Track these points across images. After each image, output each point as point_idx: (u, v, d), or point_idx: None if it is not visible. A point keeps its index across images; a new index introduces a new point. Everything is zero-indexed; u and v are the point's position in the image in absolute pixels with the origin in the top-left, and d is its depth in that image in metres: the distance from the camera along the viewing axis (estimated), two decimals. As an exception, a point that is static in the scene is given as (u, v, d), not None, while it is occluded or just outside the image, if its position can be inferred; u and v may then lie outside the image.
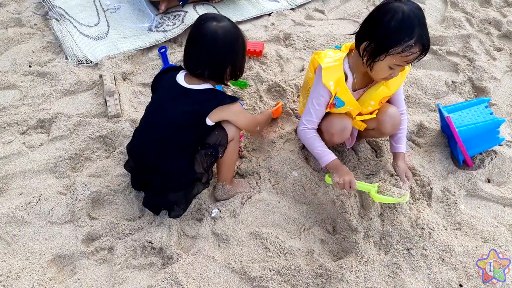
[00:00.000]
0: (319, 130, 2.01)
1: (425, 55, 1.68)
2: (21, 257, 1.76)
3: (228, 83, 1.95)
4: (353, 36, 1.79)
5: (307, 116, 1.93)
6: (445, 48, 2.91)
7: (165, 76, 1.84)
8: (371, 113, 1.96)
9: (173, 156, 1.76)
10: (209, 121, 1.77)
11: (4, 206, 1.89)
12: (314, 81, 1.91)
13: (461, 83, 2.69)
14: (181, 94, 1.75)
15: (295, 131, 2.25)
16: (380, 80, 1.82)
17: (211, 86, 1.79)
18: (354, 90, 1.90)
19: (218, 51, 1.71)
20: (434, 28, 3.10)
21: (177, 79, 1.78)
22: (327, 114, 1.97)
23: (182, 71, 1.82)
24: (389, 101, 2.02)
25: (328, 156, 1.88)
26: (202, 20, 1.72)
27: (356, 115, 1.97)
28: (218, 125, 1.82)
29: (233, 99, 1.82)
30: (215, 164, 1.96)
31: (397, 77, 1.81)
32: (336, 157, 1.89)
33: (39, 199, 1.91)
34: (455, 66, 2.80)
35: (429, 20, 3.18)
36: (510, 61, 2.93)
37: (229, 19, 1.77)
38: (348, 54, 1.87)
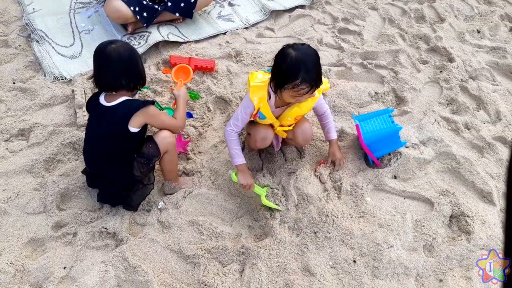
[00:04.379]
0: (248, 134, 2.47)
1: (315, 90, 2.13)
2: (3, 240, 2.21)
3: (140, 88, 2.23)
4: None
5: (235, 120, 2.35)
6: (375, 62, 3.35)
7: (93, 99, 2.20)
8: (289, 126, 2.43)
9: (112, 165, 2.18)
10: (132, 128, 2.10)
11: (-11, 200, 2.35)
12: (245, 95, 2.36)
13: (384, 94, 3.14)
14: (103, 112, 2.12)
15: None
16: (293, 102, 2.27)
17: (126, 98, 2.12)
18: (277, 107, 2.35)
19: (114, 65, 2.07)
20: (369, 44, 3.55)
21: (100, 100, 2.14)
22: (255, 124, 2.43)
23: (103, 92, 2.16)
24: (314, 108, 2.46)
25: (239, 159, 2.34)
26: (99, 46, 2.13)
27: (279, 126, 2.42)
28: (151, 138, 2.24)
29: (146, 103, 2.13)
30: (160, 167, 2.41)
31: (308, 101, 2.26)
32: (244, 162, 2.35)
33: (17, 194, 2.37)
34: (382, 78, 3.25)
35: (366, 36, 3.64)
36: (433, 72, 3.37)
37: (120, 40, 2.19)
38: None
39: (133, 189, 2.29)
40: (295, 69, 2.04)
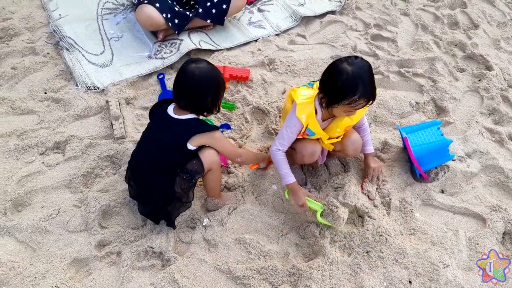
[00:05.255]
0: (294, 150, 2.38)
1: (372, 103, 2.06)
2: (45, 260, 2.12)
3: (207, 116, 2.23)
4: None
5: (281, 140, 2.26)
6: (412, 70, 3.26)
7: (159, 107, 2.19)
8: (337, 138, 2.34)
9: (158, 174, 2.11)
10: (190, 146, 2.08)
11: (29, 218, 2.25)
12: (290, 113, 2.25)
13: (424, 103, 3.05)
14: (169, 122, 2.10)
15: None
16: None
17: (195, 117, 2.11)
18: (323, 120, 2.26)
19: (193, 87, 2.04)
20: (404, 51, 3.46)
21: (167, 110, 2.13)
22: (302, 139, 2.34)
23: (173, 103, 2.15)
24: None
25: (289, 178, 2.25)
26: (186, 62, 2.10)
27: (327, 139, 2.34)
28: (197, 155, 2.16)
29: (212, 128, 2.14)
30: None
31: (359, 110, 2.17)
32: (295, 180, 2.26)
33: (58, 212, 2.27)
34: (420, 87, 3.16)
35: (400, 43, 3.55)
36: (471, 81, 3.29)
37: (208, 62, 2.13)
38: (318, 93, 2.23)
39: (170, 205, 2.20)
40: (353, 85, 1.96)
